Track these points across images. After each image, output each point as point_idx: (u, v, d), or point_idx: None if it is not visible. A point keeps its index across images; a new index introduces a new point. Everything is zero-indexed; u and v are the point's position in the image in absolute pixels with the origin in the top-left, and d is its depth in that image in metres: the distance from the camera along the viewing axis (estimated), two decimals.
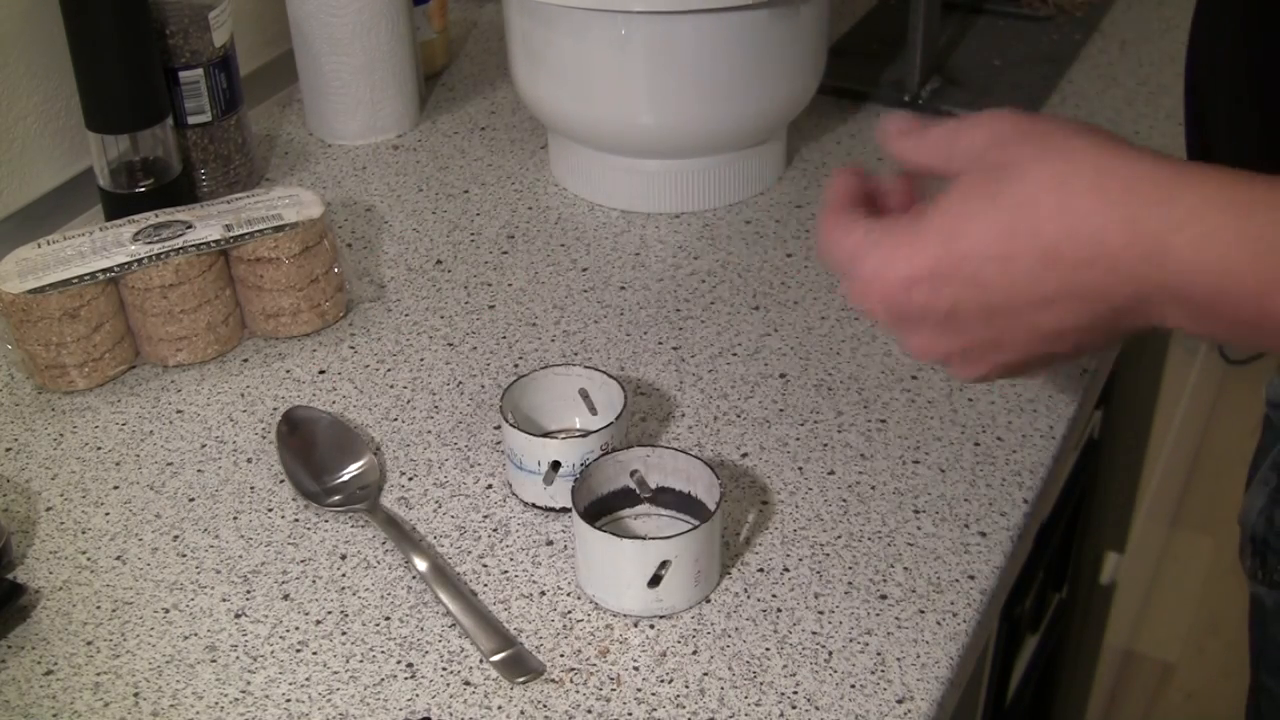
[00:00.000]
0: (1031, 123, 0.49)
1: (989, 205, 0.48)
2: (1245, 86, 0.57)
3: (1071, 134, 0.48)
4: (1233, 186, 0.44)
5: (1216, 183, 0.44)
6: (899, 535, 0.69)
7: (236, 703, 0.61)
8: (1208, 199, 0.44)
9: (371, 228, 0.97)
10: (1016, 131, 0.49)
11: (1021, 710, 1.10)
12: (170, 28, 0.92)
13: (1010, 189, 0.47)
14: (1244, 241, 0.43)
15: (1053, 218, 0.46)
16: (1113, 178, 0.46)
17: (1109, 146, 0.47)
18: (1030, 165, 0.47)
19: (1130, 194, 0.45)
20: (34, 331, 0.78)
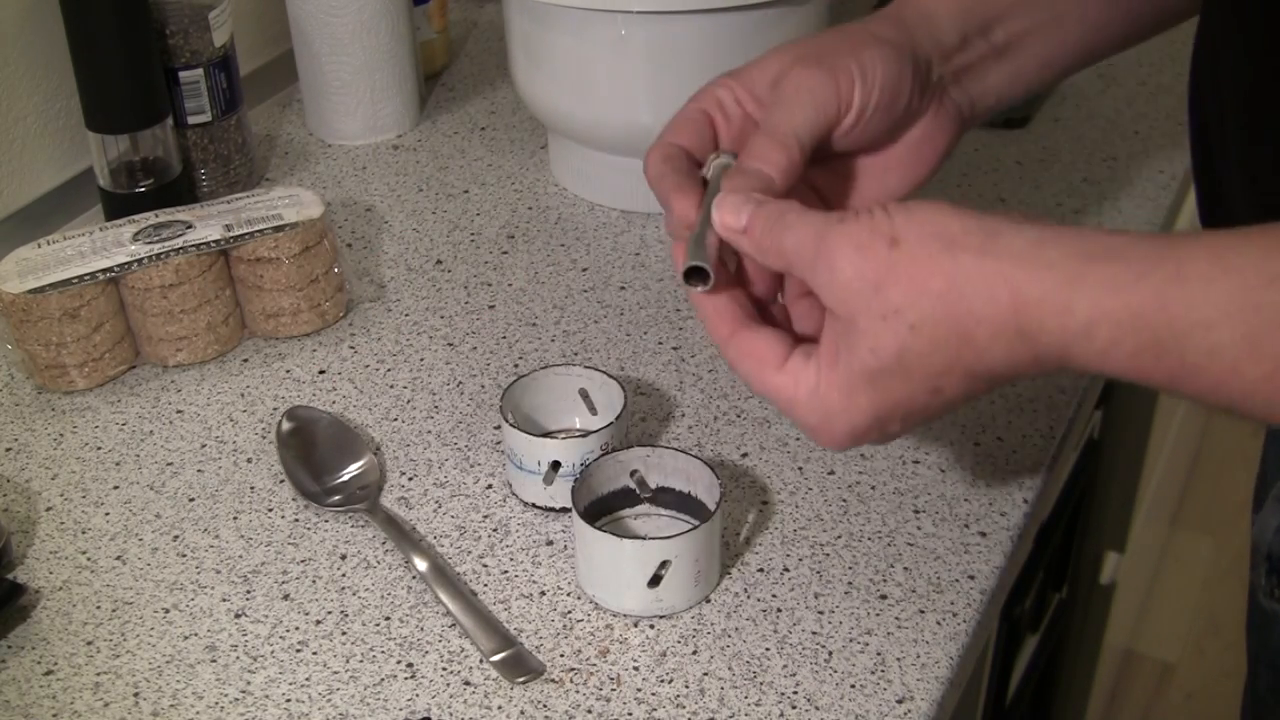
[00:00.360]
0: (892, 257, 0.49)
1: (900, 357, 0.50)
2: (1249, 101, 0.56)
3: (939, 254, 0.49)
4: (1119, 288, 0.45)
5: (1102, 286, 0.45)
6: (899, 535, 0.69)
7: (236, 703, 0.61)
8: (1097, 313, 0.45)
9: (371, 228, 0.97)
10: (888, 275, 0.49)
11: (1021, 710, 1.10)
12: (170, 28, 0.92)
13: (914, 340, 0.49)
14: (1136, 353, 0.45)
15: (960, 355, 0.49)
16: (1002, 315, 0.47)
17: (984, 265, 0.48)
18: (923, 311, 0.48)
19: (1024, 326, 0.47)
20: (34, 331, 0.78)
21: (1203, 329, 0.43)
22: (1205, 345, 0.43)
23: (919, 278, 0.48)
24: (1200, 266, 0.43)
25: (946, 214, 0.48)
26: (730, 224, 0.54)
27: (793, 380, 0.53)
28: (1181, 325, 0.43)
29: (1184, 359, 0.44)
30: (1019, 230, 0.47)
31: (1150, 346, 0.44)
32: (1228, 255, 0.43)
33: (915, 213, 0.49)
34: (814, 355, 0.53)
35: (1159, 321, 0.44)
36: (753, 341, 0.55)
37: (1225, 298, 0.43)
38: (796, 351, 0.53)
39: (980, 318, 0.47)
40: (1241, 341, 0.42)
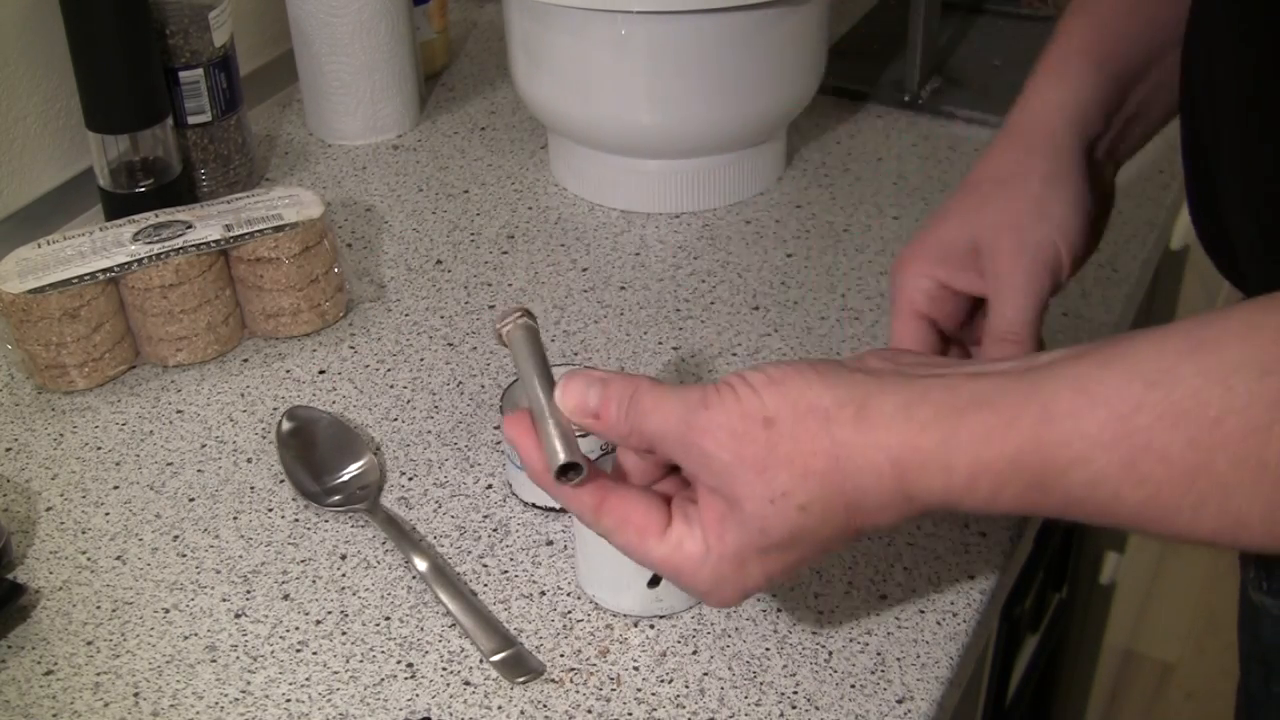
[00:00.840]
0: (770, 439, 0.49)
1: (791, 540, 0.50)
2: (1249, 103, 0.56)
3: (814, 432, 0.49)
4: (995, 439, 0.46)
5: (980, 439, 0.46)
6: (899, 535, 0.69)
7: (236, 703, 0.61)
8: (978, 466, 0.46)
9: (371, 228, 0.97)
10: (768, 460, 0.49)
11: (1021, 710, 1.10)
12: (170, 28, 0.92)
13: (802, 521, 0.49)
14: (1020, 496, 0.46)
15: (849, 522, 0.49)
16: (885, 484, 0.48)
17: (862, 440, 0.48)
18: (808, 492, 0.49)
19: (907, 488, 0.47)
20: (34, 331, 0.78)
21: (1081, 463, 0.44)
22: (1085, 478, 0.44)
23: (801, 459, 0.48)
24: (1065, 403, 0.44)
25: (815, 384, 0.48)
26: (578, 409, 0.53)
27: (678, 550, 0.52)
28: (1059, 463, 0.44)
29: (1069, 493, 0.44)
30: (886, 394, 0.47)
31: (1034, 486, 0.45)
32: (1091, 387, 0.44)
33: (783, 386, 0.49)
34: (694, 522, 0.51)
35: (1036, 463, 0.44)
36: (627, 509, 0.53)
37: (1096, 430, 0.43)
38: (676, 518, 0.52)
39: (866, 489, 0.48)
40: (1120, 469, 0.43)
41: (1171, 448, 0.42)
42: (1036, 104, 0.68)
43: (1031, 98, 0.69)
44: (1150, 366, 0.43)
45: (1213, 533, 0.43)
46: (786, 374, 0.49)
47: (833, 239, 0.94)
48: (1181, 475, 0.42)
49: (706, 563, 0.51)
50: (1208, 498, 0.42)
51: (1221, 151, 0.58)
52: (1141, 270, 0.91)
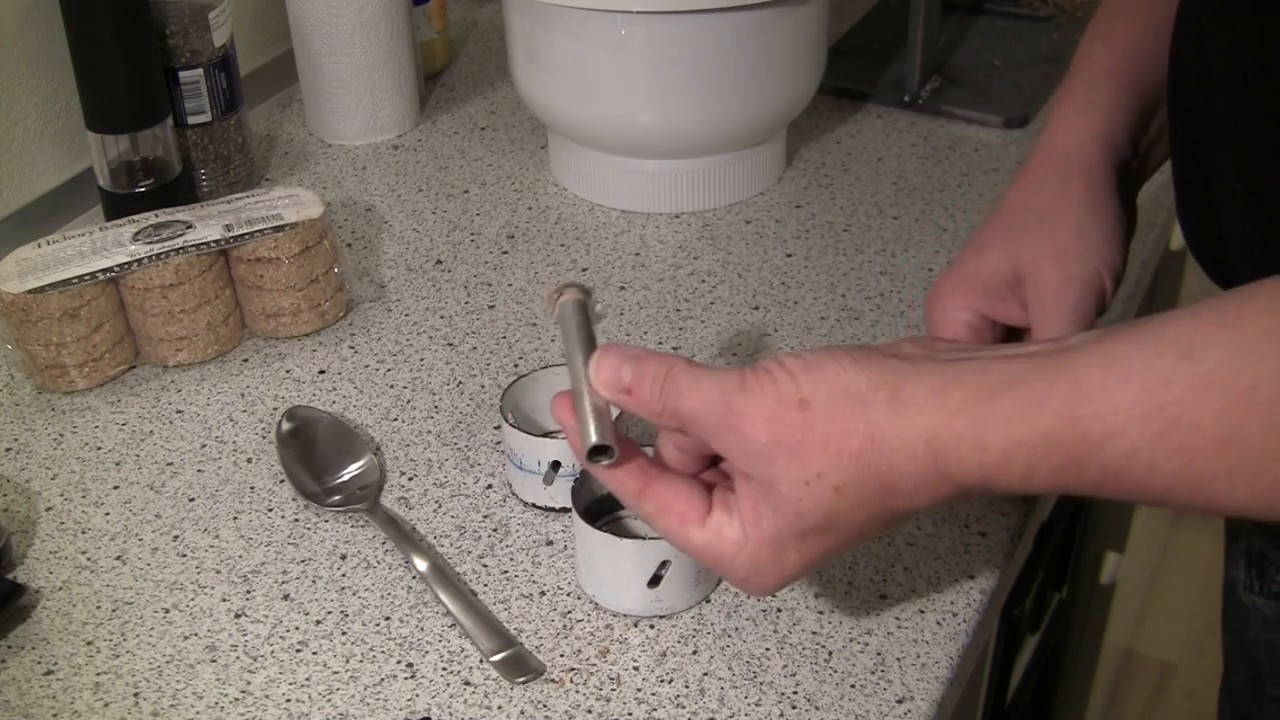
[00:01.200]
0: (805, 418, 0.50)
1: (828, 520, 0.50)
2: (1248, 98, 0.56)
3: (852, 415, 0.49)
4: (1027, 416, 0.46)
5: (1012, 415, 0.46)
6: (899, 535, 0.69)
7: (236, 703, 0.61)
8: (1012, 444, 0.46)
9: (371, 228, 0.97)
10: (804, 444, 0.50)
11: (1021, 710, 1.10)
12: (170, 28, 0.92)
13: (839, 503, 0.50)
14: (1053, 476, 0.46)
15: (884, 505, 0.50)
16: (920, 465, 0.48)
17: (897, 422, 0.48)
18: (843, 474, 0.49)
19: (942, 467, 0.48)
20: (34, 331, 0.78)
21: (1115, 437, 0.44)
22: (1120, 450, 0.44)
23: (836, 441, 0.48)
24: (1097, 379, 0.45)
25: (849, 369, 0.49)
26: (610, 384, 0.53)
27: (717, 537, 0.53)
28: (1094, 437, 0.45)
29: (1104, 467, 0.45)
30: (920, 378, 0.48)
31: (1069, 463, 0.46)
32: (1122, 363, 0.45)
33: (819, 371, 0.49)
34: (733, 509, 0.52)
35: (1071, 438, 0.45)
36: (670, 495, 0.54)
37: (1129, 403, 0.44)
38: (716, 506, 0.53)
39: (901, 471, 0.48)
40: (1153, 440, 0.44)
41: (1204, 418, 0.43)
42: (1068, 132, 0.69)
43: (1063, 125, 0.69)
44: (1180, 340, 0.44)
45: (1248, 501, 0.44)
46: (822, 359, 0.50)
47: (833, 239, 0.94)
48: (1215, 445, 0.43)
49: (744, 549, 0.52)
50: (1242, 467, 0.43)
51: (1217, 152, 0.58)
52: (1141, 270, 0.91)
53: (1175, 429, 0.43)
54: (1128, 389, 0.44)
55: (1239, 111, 0.56)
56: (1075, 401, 0.45)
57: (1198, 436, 0.43)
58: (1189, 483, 0.44)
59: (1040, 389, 0.46)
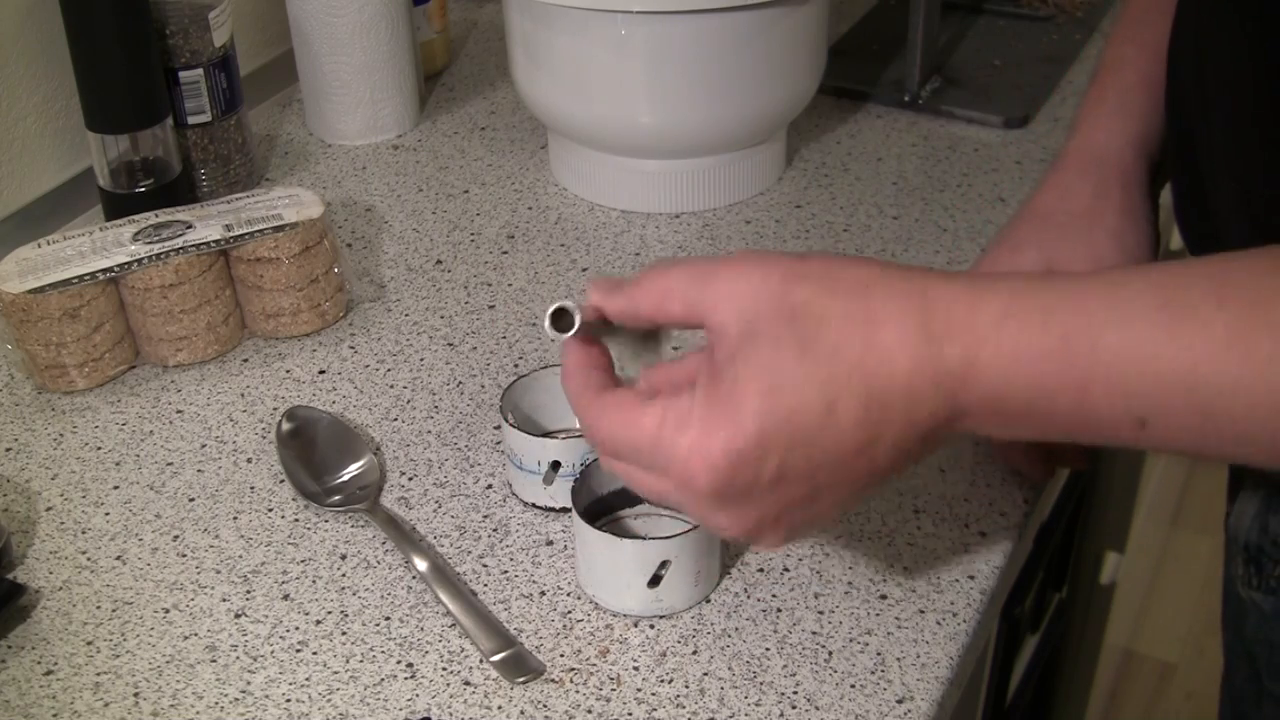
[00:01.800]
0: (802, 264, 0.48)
1: (801, 355, 0.46)
2: (1245, 97, 0.55)
3: (848, 264, 0.48)
4: (1027, 293, 0.45)
5: (1009, 292, 0.45)
6: (899, 535, 0.69)
7: (236, 703, 0.61)
8: (1006, 312, 0.45)
9: (371, 228, 0.97)
10: (793, 274, 0.48)
11: (1021, 710, 1.10)
12: (170, 28, 0.92)
13: (817, 334, 0.46)
14: (1047, 351, 0.45)
15: (863, 360, 0.46)
16: (909, 308, 0.46)
17: (893, 272, 0.47)
18: (828, 306, 0.46)
19: (930, 322, 0.46)
20: (34, 331, 0.78)
21: (1119, 325, 0.43)
22: (1123, 338, 0.43)
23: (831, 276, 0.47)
24: (1099, 282, 0.45)
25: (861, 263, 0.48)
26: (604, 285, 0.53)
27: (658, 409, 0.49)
28: (1098, 318, 0.44)
29: (1099, 355, 0.44)
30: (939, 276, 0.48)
31: (1064, 344, 0.44)
32: (1122, 277, 0.45)
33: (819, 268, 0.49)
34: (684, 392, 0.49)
35: (1069, 311, 0.44)
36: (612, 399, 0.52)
37: (1134, 294, 0.44)
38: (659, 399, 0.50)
39: (887, 315, 0.46)
40: (1159, 332, 0.43)
41: (1215, 322, 0.42)
42: (1102, 136, 0.69)
43: (1097, 129, 0.69)
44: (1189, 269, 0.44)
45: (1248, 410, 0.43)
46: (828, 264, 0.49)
47: (833, 239, 0.94)
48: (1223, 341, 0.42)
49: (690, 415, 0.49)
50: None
51: (1215, 152, 0.58)
52: None
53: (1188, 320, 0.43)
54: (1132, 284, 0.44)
55: (1236, 110, 0.56)
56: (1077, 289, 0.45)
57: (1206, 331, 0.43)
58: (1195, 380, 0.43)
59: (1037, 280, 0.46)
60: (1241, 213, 0.56)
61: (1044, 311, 0.45)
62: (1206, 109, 0.58)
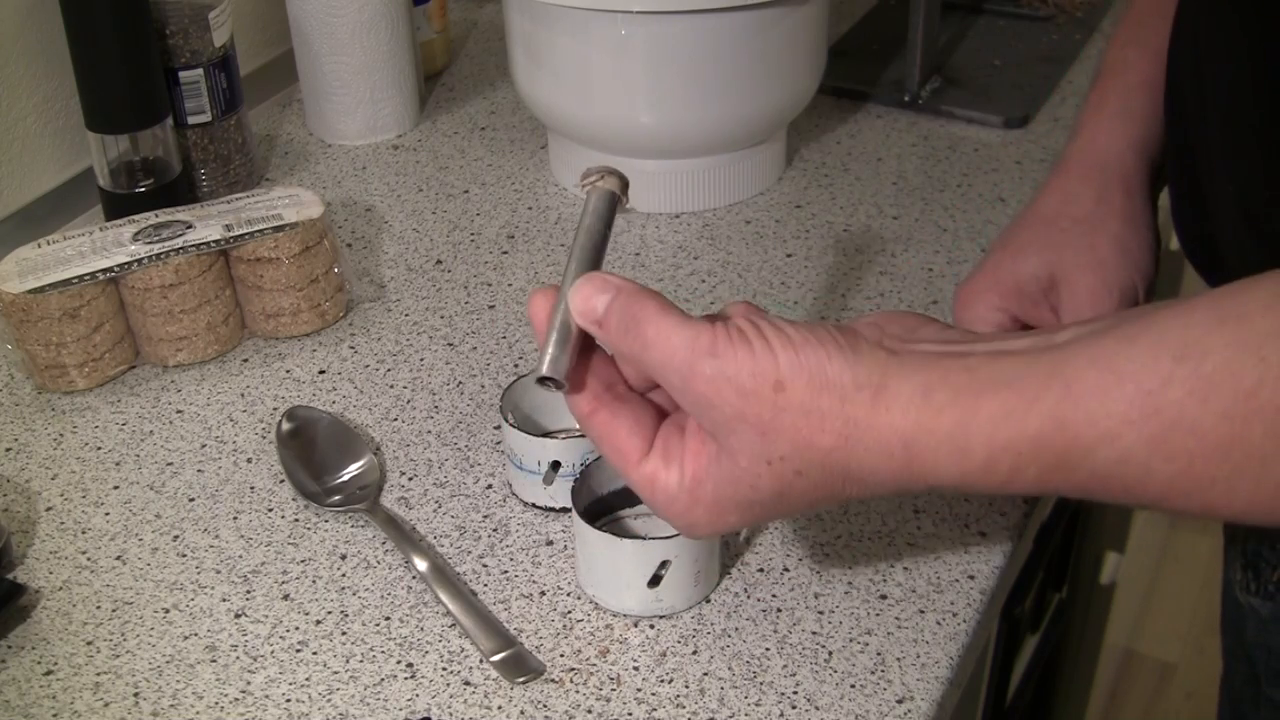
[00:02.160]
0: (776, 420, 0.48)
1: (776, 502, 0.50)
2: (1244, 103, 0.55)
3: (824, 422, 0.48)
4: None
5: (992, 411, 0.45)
6: (899, 535, 0.69)
7: (236, 703, 0.61)
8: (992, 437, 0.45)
9: (371, 228, 0.97)
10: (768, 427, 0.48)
11: (1021, 710, 1.10)
12: (170, 28, 0.92)
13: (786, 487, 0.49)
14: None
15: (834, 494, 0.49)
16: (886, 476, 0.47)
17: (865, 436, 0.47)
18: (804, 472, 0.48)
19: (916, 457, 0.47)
20: (34, 331, 0.78)
21: (1108, 441, 0.43)
22: (1113, 455, 0.43)
23: (808, 431, 0.47)
24: (1090, 381, 0.43)
25: (835, 360, 0.47)
26: (584, 312, 0.51)
27: (650, 483, 0.51)
28: (1085, 441, 0.43)
29: (1094, 471, 0.43)
30: (905, 376, 0.46)
31: (1058, 466, 0.44)
32: (1116, 364, 0.43)
33: (803, 355, 0.47)
34: (674, 460, 0.51)
35: (1060, 442, 0.43)
36: (612, 427, 0.52)
37: (1124, 407, 0.42)
38: (655, 452, 0.51)
39: (872, 468, 0.47)
40: (1149, 445, 0.42)
41: (1203, 421, 0.41)
42: (1104, 140, 0.68)
43: (1099, 132, 0.69)
44: (1177, 339, 0.42)
45: (1247, 505, 0.43)
46: (807, 340, 0.47)
47: (833, 239, 0.94)
48: (1215, 448, 0.42)
49: (677, 501, 0.51)
50: (1243, 470, 0.42)
51: (1212, 156, 0.58)
52: None
53: (1173, 433, 0.42)
54: (1122, 391, 0.42)
55: (1234, 114, 0.56)
56: (1066, 404, 0.43)
57: (1196, 440, 0.42)
58: (1186, 487, 0.43)
59: (1029, 391, 0.44)
60: (1239, 216, 0.56)
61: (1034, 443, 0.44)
62: (1204, 112, 0.58)
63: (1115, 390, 0.43)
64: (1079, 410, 0.43)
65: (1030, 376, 0.44)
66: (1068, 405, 0.43)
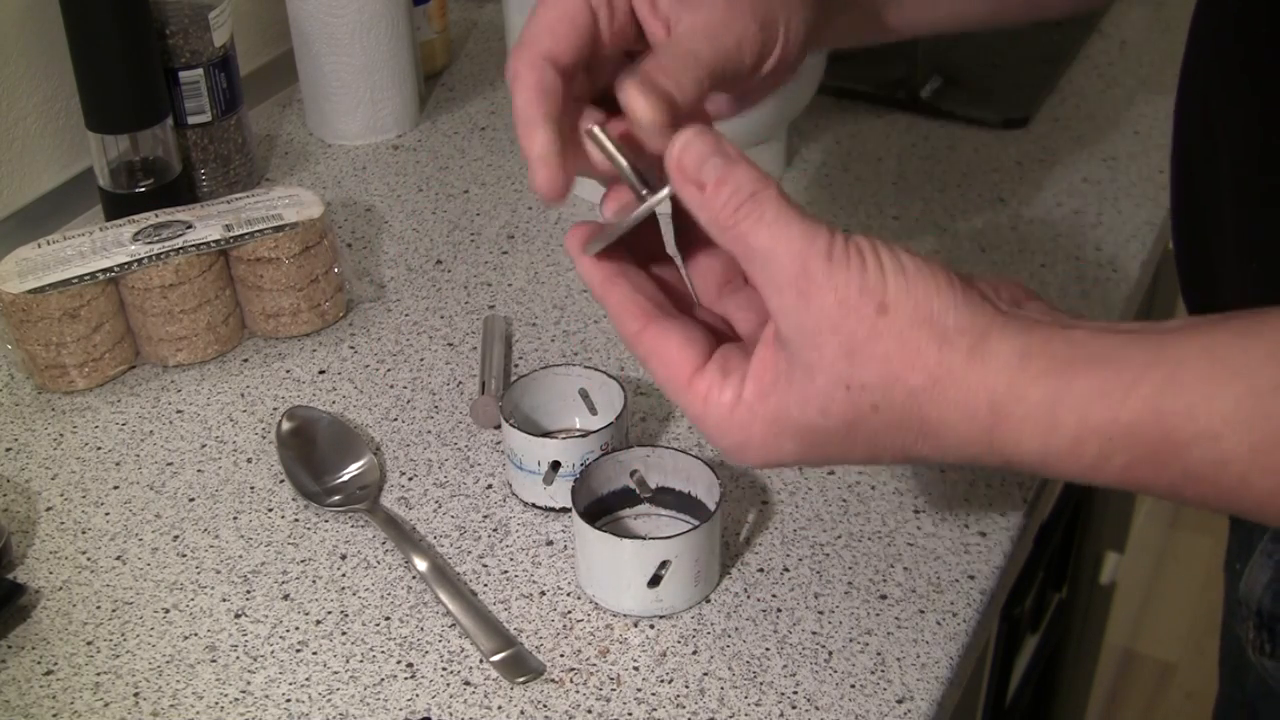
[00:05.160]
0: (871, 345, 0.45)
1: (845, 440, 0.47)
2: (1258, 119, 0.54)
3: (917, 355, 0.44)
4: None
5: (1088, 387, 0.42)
6: (899, 535, 0.69)
7: (236, 703, 0.61)
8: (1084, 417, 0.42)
9: (371, 228, 0.97)
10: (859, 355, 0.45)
11: (1021, 710, 1.10)
12: (170, 28, 0.92)
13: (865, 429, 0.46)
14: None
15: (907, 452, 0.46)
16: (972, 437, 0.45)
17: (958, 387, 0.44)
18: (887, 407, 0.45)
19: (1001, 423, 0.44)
20: (34, 331, 0.78)
21: (1207, 439, 0.40)
22: (1211, 456, 0.40)
23: (898, 363, 0.44)
24: (1199, 370, 0.40)
25: (944, 296, 0.44)
26: (692, 166, 0.46)
27: (703, 401, 0.48)
28: (1182, 436, 0.40)
29: (1186, 470, 0.41)
30: (1008, 334, 0.43)
31: (1148, 459, 0.41)
32: (1230, 357, 0.40)
33: (911, 281, 0.44)
34: (734, 373, 0.47)
35: (1155, 433, 0.40)
36: (662, 342, 0.49)
37: (1231, 405, 0.39)
38: (712, 365, 0.48)
39: (951, 424, 0.44)
40: (1251, 453, 0.39)
41: None
42: None
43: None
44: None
45: None
46: (920, 270, 0.44)
47: None
48: None
49: (732, 418, 0.47)
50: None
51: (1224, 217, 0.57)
52: (1141, 271, 0.91)
53: (1278, 444, 0.39)
54: (1231, 388, 0.39)
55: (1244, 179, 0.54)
56: (1168, 392, 0.40)
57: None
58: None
59: (1130, 371, 0.41)
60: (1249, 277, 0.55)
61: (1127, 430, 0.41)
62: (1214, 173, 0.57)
63: (1224, 385, 0.39)
64: (1180, 400, 0.40)
65: (1135, 356, 0.41)
66: (1170, 393, 0.40)
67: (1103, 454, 0.42)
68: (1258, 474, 0.40)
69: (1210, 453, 0.40)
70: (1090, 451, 0.42)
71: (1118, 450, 0.41)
